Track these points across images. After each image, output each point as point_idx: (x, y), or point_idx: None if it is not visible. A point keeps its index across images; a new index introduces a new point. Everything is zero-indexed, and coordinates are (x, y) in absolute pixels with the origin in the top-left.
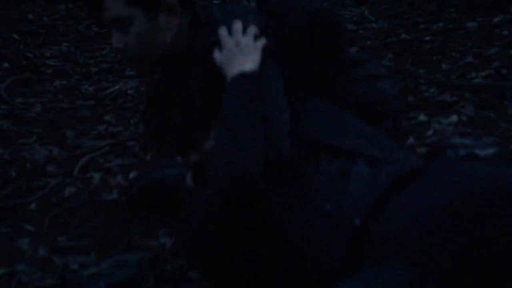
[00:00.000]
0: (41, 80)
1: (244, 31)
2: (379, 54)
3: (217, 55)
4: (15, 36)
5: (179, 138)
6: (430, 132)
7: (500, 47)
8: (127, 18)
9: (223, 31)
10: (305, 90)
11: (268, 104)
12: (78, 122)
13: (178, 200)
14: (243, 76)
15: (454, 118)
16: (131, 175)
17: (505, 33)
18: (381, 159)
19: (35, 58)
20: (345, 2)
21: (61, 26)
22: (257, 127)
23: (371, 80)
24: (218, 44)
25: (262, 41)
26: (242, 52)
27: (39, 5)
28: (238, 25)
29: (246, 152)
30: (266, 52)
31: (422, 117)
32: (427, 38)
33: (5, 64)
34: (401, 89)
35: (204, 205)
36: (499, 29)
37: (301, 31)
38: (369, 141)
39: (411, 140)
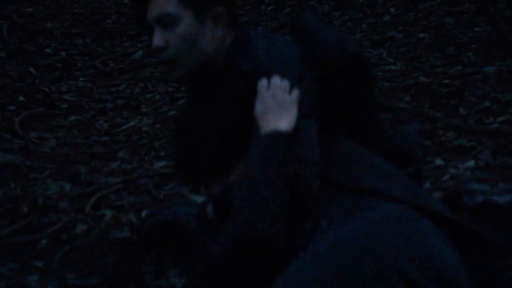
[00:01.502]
0: (56, 114)
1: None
2: (397, 97)
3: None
4: (31, 69)
5: (204, 167)
6: (446, 177)
7: None
8: (176, 17)
9: (262, 83)
10: (335, 131)
11: (300, 142)
12: (91, 158)
13: (190, 239)
14: (277, 136)
15: (471, 163)
16: (143, 213)
17: None
18: (405, 201)
19: (51, 92)
20: (363, 43)
21: (79, 61)
22: (285, 189)
23: (398, 125)
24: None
25: (296, 93)
26: (278, 107)
27: (57, 39)
28: (276, 80)
29: (271, 217)
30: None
31: (438, 161)
32: (445, 81)
33: (20, 98)
34: (419, 132)
35: (219, 254)
36: None
37: (335, 71)
38: (394, 183)
39: (427, 184)
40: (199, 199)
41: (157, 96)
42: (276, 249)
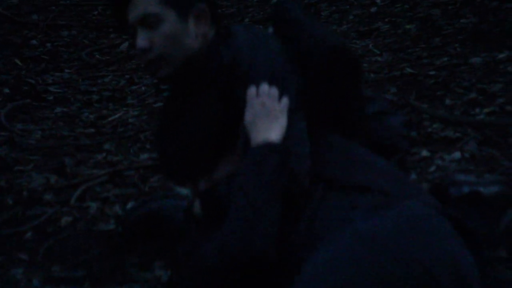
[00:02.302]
0: (41, 106)
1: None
2: (383, 88)
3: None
4: (17, 61)
5: (188, 164)
6: (432, 168)
7: (505, 84)
8: (159, 16)
9: (251, 91)
10: (322, 125)
11: (289, 136)
12: (77, 150)
13: (175, 231)
14: (268, 147)
15: (457, 154)
16: (129, 205)
17: (510, 69)
18: (393, 194)
19: (37, 84)
20: (349, 35)
21: (64, 52)
22: (277, 200)
23: (382, 117)
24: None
25: (285, 101)
26: (268, 115)
27: (43, 31)
28: (264, 87)
29: (264, 230)
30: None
31: (424, 153)
32: (431, 72)
33: (6, 90)
34: (404, 123)
35: (209, 266)
36: (504, 65)
37: (321, 64)
38: (382, 176)
39: (413, 176)
40: (185, 191)
41: (143, 88)
42: (269, 259)
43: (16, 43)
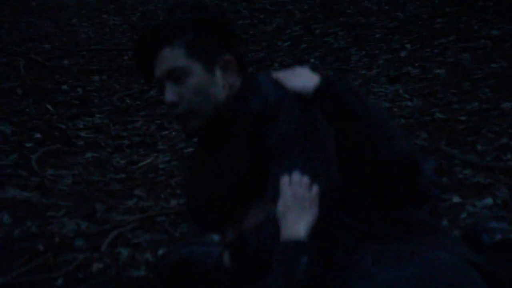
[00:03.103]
0: (72, 152)
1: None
2: (413, 133)
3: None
4: (48, 106)
5: (216, 212)
6: (464, 215)
7: None
8: (186, 70)
9: (284, 180)
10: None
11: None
12: (108, 195)
13: (206, 278)
14: (297, 246)
15: (489, 200)
16: (160, 251)
17: None
18: (419, 243)
19: (68, 129)
20: (379, 80)
21: (95, 97)
22: None
23: None
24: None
25: (316, 189)
26: (298, 206)
27: (73, 76)
28: (296, 176)
29: None
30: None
31: (456, 199)
32: (461, 118)
33: (37, 135)
34: (435, 170)
35: None
36: None
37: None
38: (409, 224)
39: (444, 222)
40: (216, 237)
41: (173, 133)
42: None
43: (47, 88)
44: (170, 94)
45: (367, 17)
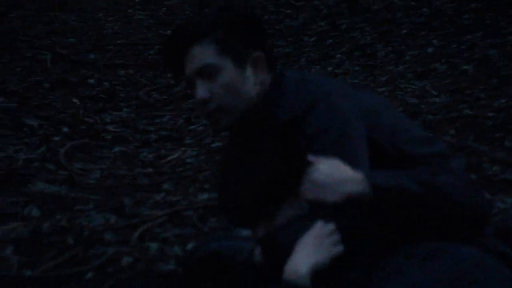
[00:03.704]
0: (100, 146)
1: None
2: (441, 130)
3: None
4: (75, 100)
5: (248, 208)
6: (493, 211)
7: None
8: (217, 67)
9: (318, 225)
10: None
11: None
12: (136, 190)
13: (236, 273)
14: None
15: None
16: (189, 245)
17: None
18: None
19: (95, 123)
20: (406, 75)
21: (122, 91)
22: None
23: (443, 160)
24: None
25: (336, 237)
26: (314, 247)
27: (100, 70)
28: (319, 224)
29: None
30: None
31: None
32: (489, 114)
33: (65, 129)
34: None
35: None
36: None
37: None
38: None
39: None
40: (245, 232)
41: (200, 128)
42: None
43: (74, 82)
44: (201, 91)
45: (394, 12)
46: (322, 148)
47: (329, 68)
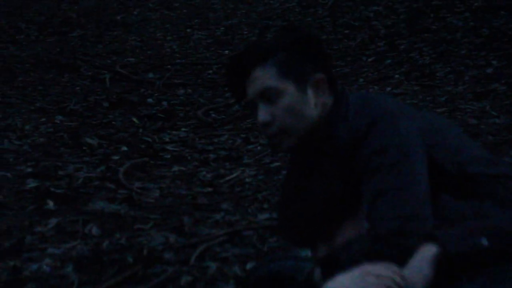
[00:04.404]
0: (159, 165)
1: None
2: (501, 151)
3: None
4: (134, 119)
5: (308, 228)
6: None
7: None
8: (278, 90)
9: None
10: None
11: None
12: (195, 209)
13: None
14: None
15: None
16: (248, 265)
17: None
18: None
19: (154, 142)
20: (465, 96)
21: (180, 111)
22: None
23: (508, 181)
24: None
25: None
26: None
27: (158, 89)
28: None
29: None
30: None
31: None
32: None
33: (124, 148)
34: None
35: None
36: None
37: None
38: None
39: None
40: (304, 252)
41: (259, 147)
42: None
43: (133, 101)
44: (262, 114)
45: (453, 33)
46: (380, 168)
47: (388, 89)
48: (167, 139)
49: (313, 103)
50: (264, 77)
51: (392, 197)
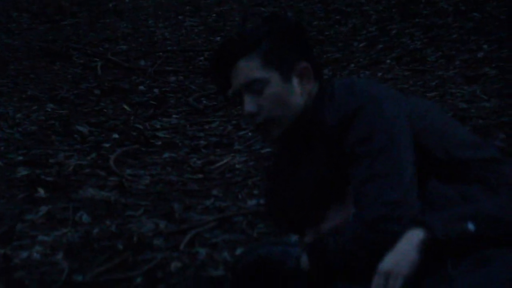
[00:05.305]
0: (150, 152)
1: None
2: (491, 134)
3: None
4: (125, 107)
5: (296, 215)
6: None
7: None
8: (263, 80)
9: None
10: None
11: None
12: (185, 195)
13: (285, 278)
14: None
15: None
16: (238, 251)
17: None
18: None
19: (145, 129)
20: (456, 80)
21: (172, 98)
22: None
23: (495, 165)
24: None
25: None
26: None
27: (150, 76)
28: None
29: None
30: None
31: None
32: None
33: (115, 135)
34: None
35: None
36: None
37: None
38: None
39: None
40: (294, 238)
41: (249, 134)
42: None
43: (124, 89)
44: (248, 105)
45: (444, 17)
46: (366, 154)
47: (379, 74)
48: (158, 126)
49: (298, 92)
50: (249, 68)
51: (379, 183)
